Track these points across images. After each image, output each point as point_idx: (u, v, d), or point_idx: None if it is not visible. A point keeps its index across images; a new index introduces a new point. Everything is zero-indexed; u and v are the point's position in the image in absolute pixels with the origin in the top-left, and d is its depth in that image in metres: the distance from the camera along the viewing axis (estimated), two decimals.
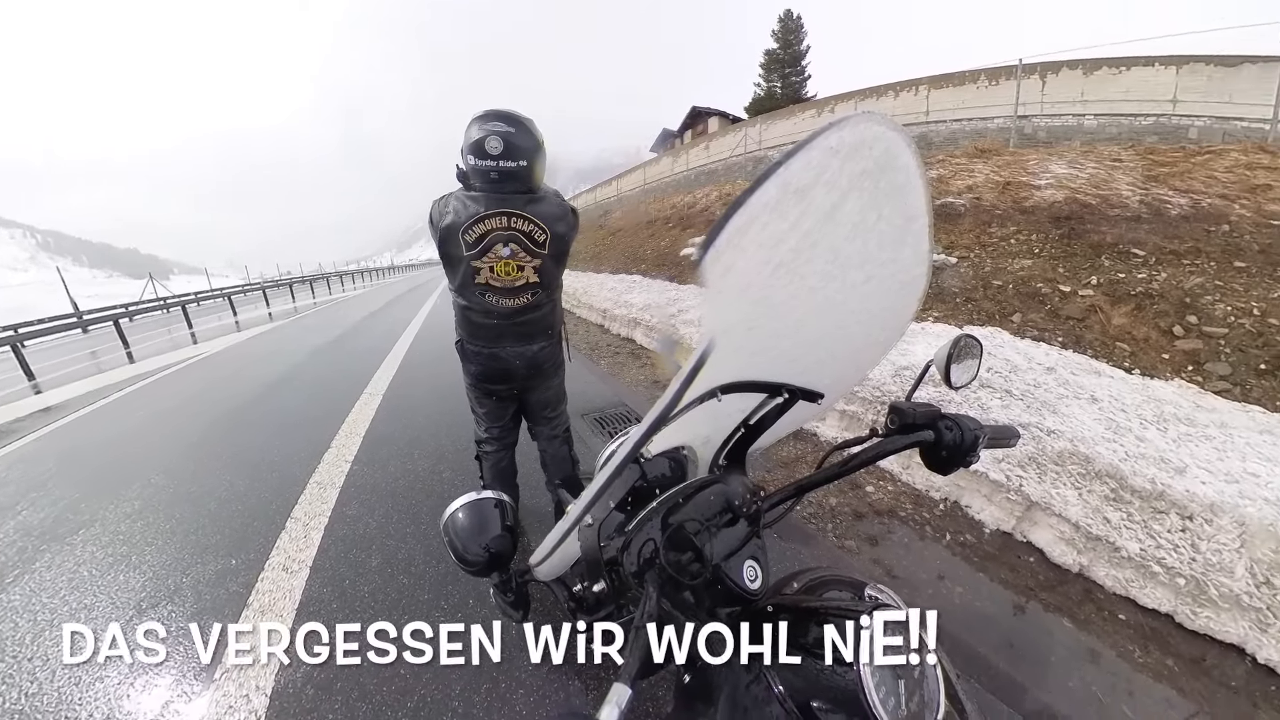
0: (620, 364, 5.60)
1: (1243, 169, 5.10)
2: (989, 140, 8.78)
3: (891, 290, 0.74)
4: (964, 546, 2.40)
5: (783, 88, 27.36)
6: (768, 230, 0.52)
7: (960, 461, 0.82)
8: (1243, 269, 3.99)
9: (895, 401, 0.84)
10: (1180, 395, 2.99)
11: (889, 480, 2.79)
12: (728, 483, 0.82)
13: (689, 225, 11.13)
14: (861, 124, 0.54)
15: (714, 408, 0.74)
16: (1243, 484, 2.25)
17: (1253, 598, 1.99)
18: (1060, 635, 1.99)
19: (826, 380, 0.83)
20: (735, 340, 0.61)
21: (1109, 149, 6.44)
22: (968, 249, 4.98)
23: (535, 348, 1.96)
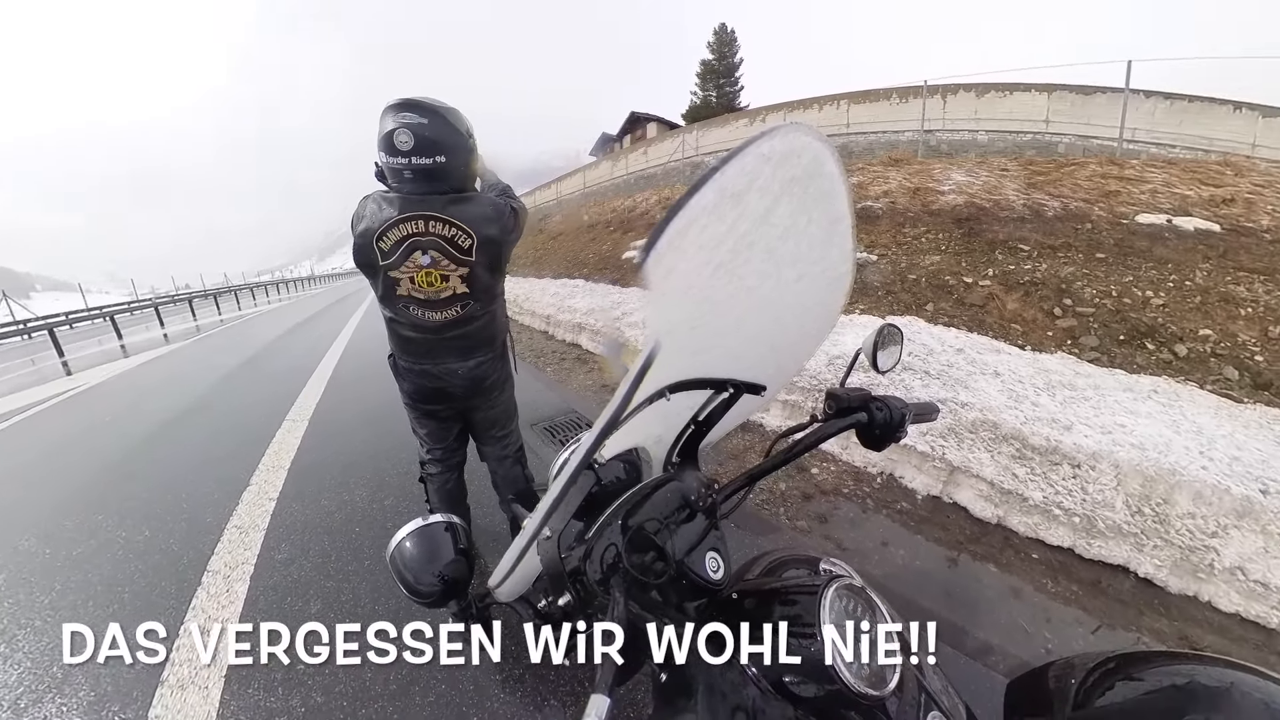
0: (567, 370, 5.23)
1: (1099, 178, 5.66)
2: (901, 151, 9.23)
3: (822, 286, 0.75)
4: (901, 513, 2.52)
5: (718, 97, 27.34)
6: (707, 233, 0.51)
7: (891, 438, 0.84)
8: (1102, 259, 4.39)
9: (831, 388, 0.86)
10: (1063, 365, 3.27)
11: (831, 461, 2.88)
12: (683, 479, 0.80)
13: (630, 229, 10.67)
14: (791, 134, 0.55)
15: (663, 407, 0.72)
16: (1115, 434, 2.52)
17: (1130, 525, 2.24)
18: (987, 579, 2.14)
19: (768, 373, 0.84)
20: (680, 340, 0.60)
21: (998, 160, 6.94)
22: (886, 247, 5.22)
23: (473, 363, 1.69)
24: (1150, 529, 2.22)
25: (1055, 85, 12.27)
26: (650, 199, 12.24)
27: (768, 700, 0.56)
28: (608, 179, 20.11)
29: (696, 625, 0.60)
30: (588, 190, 20.81)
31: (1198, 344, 3.48)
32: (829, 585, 0.59)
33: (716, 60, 27.53)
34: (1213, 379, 3.23)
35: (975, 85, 13.08)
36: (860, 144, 13.32)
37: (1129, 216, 4.85)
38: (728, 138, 15.90)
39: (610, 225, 11.79)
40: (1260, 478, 2.25)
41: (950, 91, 13.14)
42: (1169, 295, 3.93)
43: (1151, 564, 2.19)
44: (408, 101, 1.41)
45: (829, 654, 0.54)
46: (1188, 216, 4.74)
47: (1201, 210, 4.85)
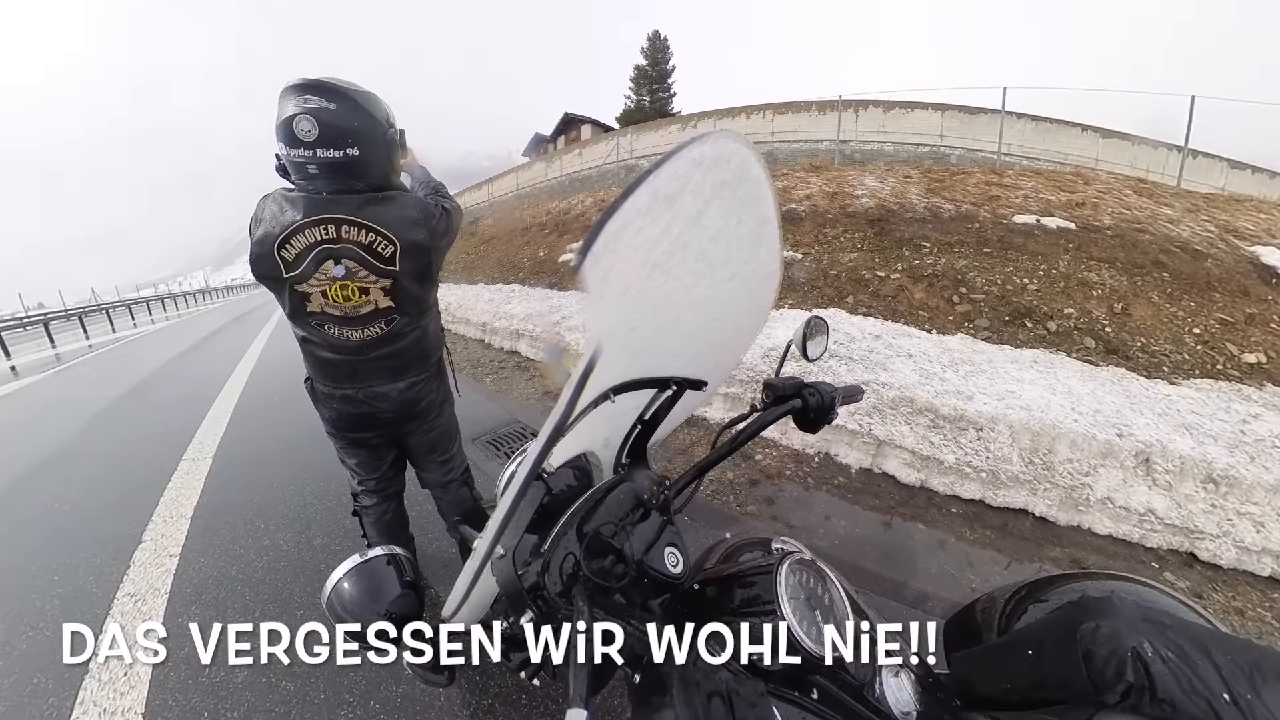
0: (507, 379, 4.84)
1: (984, 185, 6.16)
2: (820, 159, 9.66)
3: (753, 284, 0.75)
4: (839, 487, 2.63)
5: (651, 101, 26.97)
6: (642, 235, 0.50)
7: (824, 420, 0.86)
8: (989, 253, 4.79)
9: (767, 379, 0.87)
10: (963, 345, 3.54)
11: (773, 447, 2.95)
12: (634, 479, 0.77)
13: (565, 231, 9.94)
14: (720, 140, 0.54)
15: (609, 410, 0.69)
16: (1007, 399, 2.79)
17: (1025, 474, 2.51)
18: (918, 536, 2.29)
19: (708, 368, 0.83)
20: (620, 341, 0.58)
21: (902, 169, 7.40)
22: (809, 247, 5.43)
23: (405, 385, 1.42)
24: (1040, 475, 2.50)
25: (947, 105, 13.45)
26: (586, 201, 11.43)
27: (740, 680, 0.56)
28: (542, 180, 18.94)
29: (664, 624, 0.58)
30: (521, 191, 19.31)
31: (1064, 320, 3.88)
32: (783, 563, 0.60)
33: (650, 66, 27.13)
34: (1076, 348, 3.62)
35: (883, 102, 13.96)
36: (784, 151, 13.81)
37: (1008, 217, 5.32)
38: (661, 142, 15.82)
39: (546, 228, 10.90)
40: (1116, 424, 2.60)
41: (861, 107, 13.91)
42: (1040, 281, 4.35)
43: (1044, 504, 2.49)
44: (311, 83, 1.13)
45: (793, 628, 0.55)
46: (1051, 217, 5.27)
47: (1061, 212, 5.40)
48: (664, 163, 0.48)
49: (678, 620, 0.64)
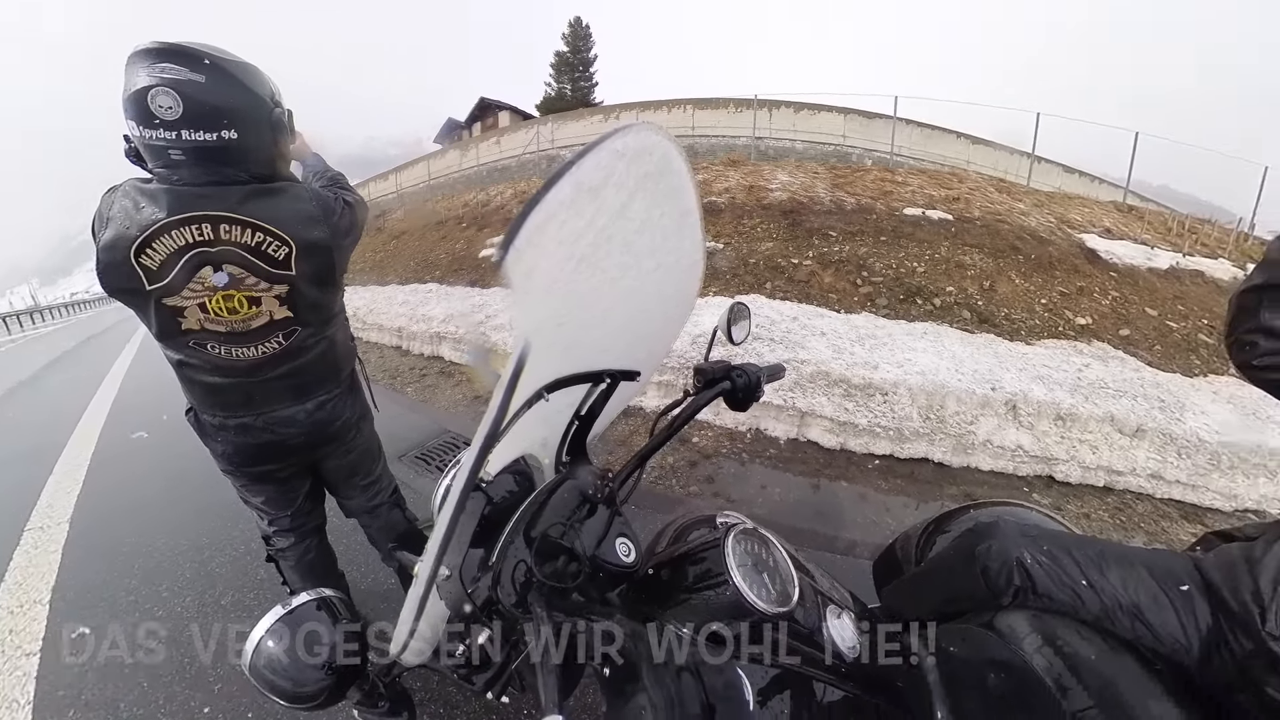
0: (431, 387, 4.36)
1: (879, 181, 6.70)
2: (737, 154, 9.93)
3: (678, 274, 0.75)
4: (770, 458, 2.78)
5: (572, 90, 25.17)
6: (566, 227, 0.47)
7: (752, 399, 0.87)
8: (885, 240, 5.21)
9: (696, 364, 0.87)
10: (867, 322, 3.83)
11: (708, 428, 3.02)
12: (577, 476, 0.74)
13: (485, 225, 9.03)
14: (643, 132, 0.53)
15: (544, 409, 0.65)
16: (905, 367, 3.06)
17: (923, 428, 2.80)
18: (842, 494, 2.49)
19: (639, 358, 0.82)
20: (549, 337, 0.55)
21: (811, 165, 7.83)
22: (730, 237, 5.59)
23: (313, 405, 1.20)
24: (935, 428, 2.82)
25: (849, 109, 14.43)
26: (506, 192, 10.44)
27: (704, 651, 0.57)
28: (457, 170, 17.28)
29: (625, 614, 0.57)
30: (434, 182, 17.23)
31: (946, 297, 4.35)
32: (728, 535, 0.61)
33: (571, 53, 25.34)
34: (957, 320, 4.08)
35: (793, 103, 14.61)
36: (704, 146, 14.02)
37: (899, 210, 5.83)
38: (583, 132, 15.24)
39: (463, 221, 9.85)
40: (989, 380, 3.00)
41: (775, 106, 14.46)
42: (927, 265, 4.83)
43: (940, 452, 2.84)
44: (169, 48, 0.89)
45: (744, 594, 0.56)
46: (934, 210, 5.83)
47: (942, 205, 6.00)
48: (587, 154, 0.46)
49: (638, 607, 0.65)
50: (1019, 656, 0.74)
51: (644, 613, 0.64)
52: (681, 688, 0.51)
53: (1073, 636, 0.75)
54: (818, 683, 0.62)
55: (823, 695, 0.61)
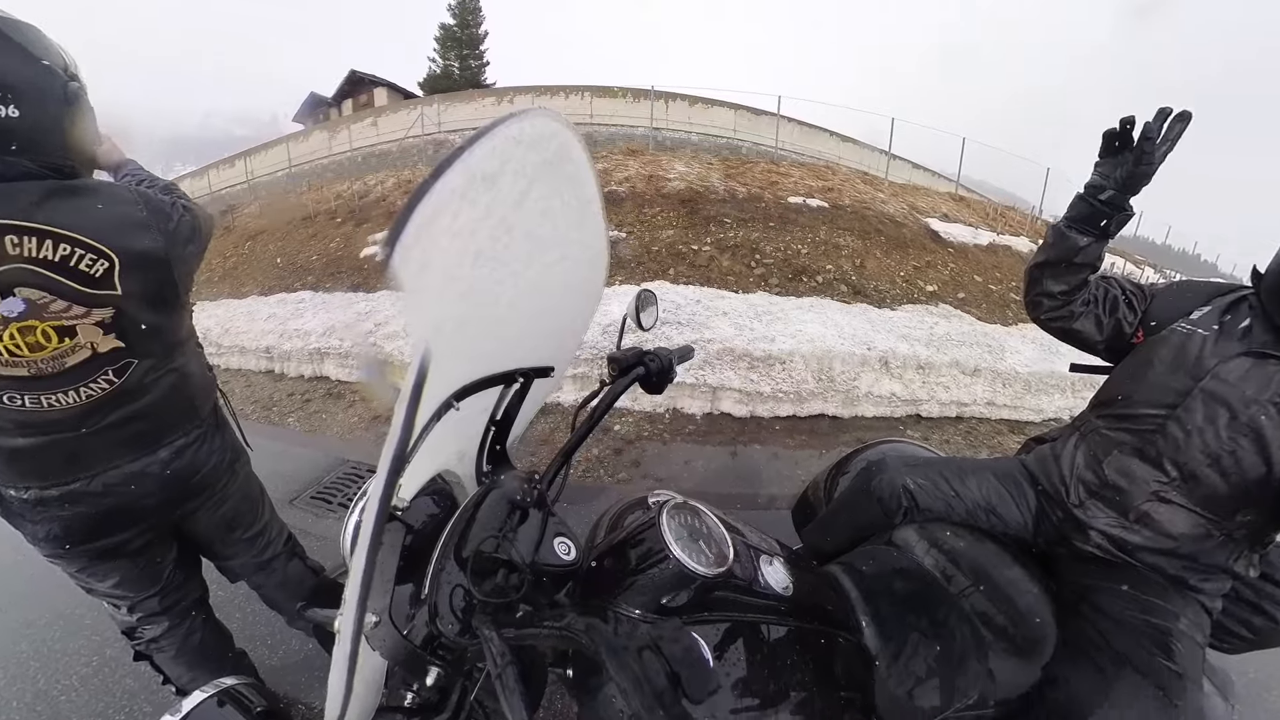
0: (318, 413, 3.72)
1: (767, 173, 7.21)
2: (636, 144, 9.90)
3: (583, 264, 0.74)
4: (690, 434, 2.90)
5: (461, 69, 21.95)
6: (460, 219, 0.43)
7: (666, 381, 0.89)
8: (774, 227, 5.63)
9: (610, 353, 0.86)
10: (762, 300, 4.13)
11: (628, 414, 3.06)
12: (501, 485, 0.70)
13: (365, 219, 7.76)
14: (540, 118, 0.50)
15: (455, 420, 0.60)
16: (797, 337, 3.38)
17: (817, 389, 3.15)
18: (756, 455, 2.70)
19: (552, 353, 0.79)
20: (452, 340, 0.51)
21: (705, 157, 8.12)
22: (632, 226, 5.64)
23: (168, 453, 0.98)
24: (827, 387, 3.20)
25: (739, 105, 15.22)
26: (387, 182, 9.09)
27: (659, 625, 0.58)
28: (325, 155, 14.96)
29: (576, 612, 0.56)
30: (297, 169, 14.50)
31: (826, 274, 4.87)
32: (661, 513, 0.62)
33: (459, 28, 22.42)
34: (836, 293, 4.60)
35: (689, 96, 15.00)
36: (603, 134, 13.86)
37: (784, 198, 6.31)
38: (475, 116, 14.08)
39: (337, 215, 8.36)
40: (865, 342, 3.48)
41: (671, 98, 14.73)
42: (810, 247, 5.33)
43: (833, 407, 3.25)
44: None
45: (684, 563, 0.58)
46: (813, 198, 6.41)
47: (819, 195, 6.61)
48: (480, 139, 0.42)
49: (588, 601, 0.64)
50: (914, 561, 0.92)
51: (595, 605, 0.64)
52: (645, 666, 0.52)
53: (949, 537, 0.95)
54: (763, 625, 0.68)
55: (769, 634, 0.68)
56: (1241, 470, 0.78)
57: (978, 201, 9.74)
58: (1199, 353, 0.83)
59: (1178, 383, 0.84)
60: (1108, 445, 0.91)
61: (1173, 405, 0.83)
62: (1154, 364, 0.87)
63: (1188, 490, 0.82)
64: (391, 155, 13.34)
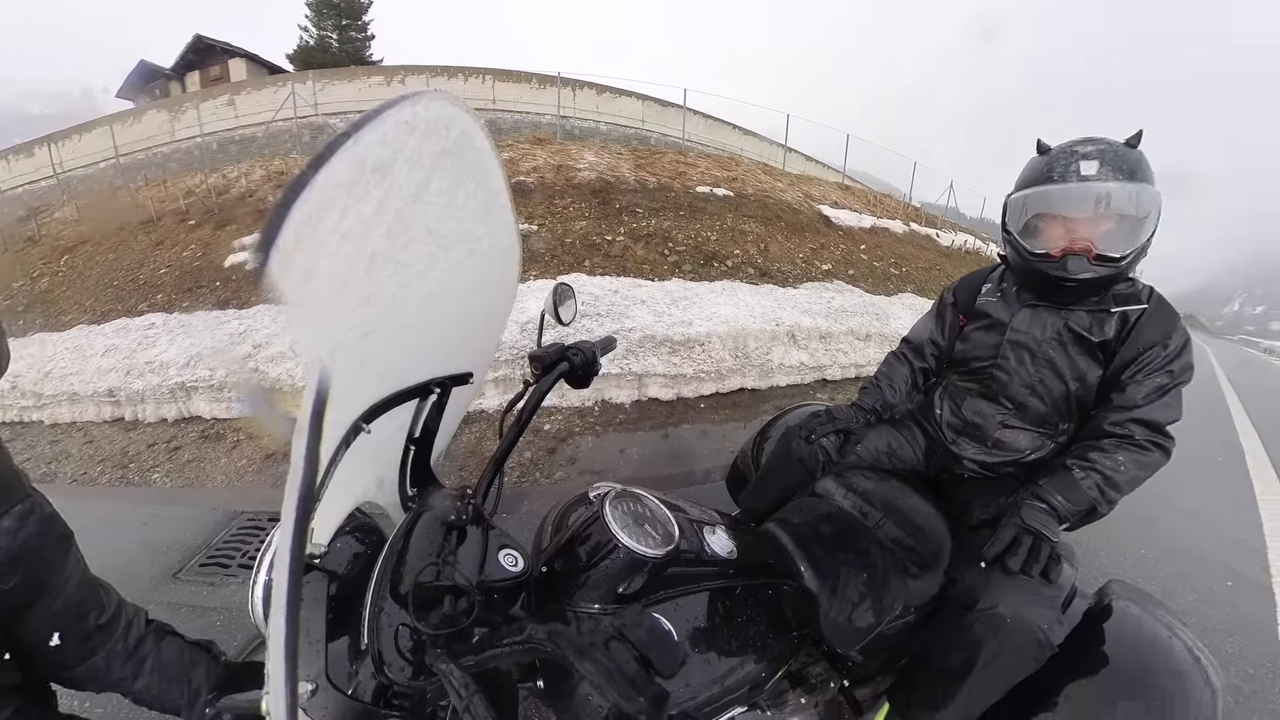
0: (193, 462, 3.01)
1: (675, 163, 7.40)
2: (543, 132, 9.55)
3: (494, 260, 0.70)
4: (621, 424, 2.91)
5: (340, 42, 18.98)
6: (350, 216, 0.39)
7: (591, 374, 0.88)
8: (684, 215, 5.81)
9: (531, 351, 0.83)
10: (678, 286, 4.25)
11: (556, 412, 2.99)
12: (432, 507, 0.65)
13: (228, 221, 6.25)
14: (435, 102, 0.46)
15: (367, 444, 0.54)
16: (713, 319, 3.53)
17: (735, 365, 3.37)
18: (687, 434, 2.78)
19: (469, 358, 0.74)
20: (352, 355, 0.45)
21: (615, 147, 8.10)
22: (543, 218, 5.48)
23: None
24: (744, 363, 3.41)
25: (647, 96, 15.29)
26: (254, 174, 7.50)
27: (620, 614, 0.57)
28: (167, 141, 12.34)
29: (535, 622, 0.53)
30: (129, 159, 11.46)
31: (735, 258, 5.14)
32: (604, 505, 0.63)
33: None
34: (745, 275, 4.89)
35: (596, 85, 14.73)
36: (507, 121, 13.23)
37: (693, 188, 6.51)
38: (359, 97, 12.49)
39: (189, 216, 6.63)
40: (774, 319, 3.76)
41: (579, 86, 14.38)
42: (719, 234, 5.57)
43: (752, 381, 3.50)
44: None
45: (633, 549, 0.59)
46: (720, 188, 6.69)
47: (725, 184, 6.91)
48: (367, 125, 0.38)
49: (545, 608, 0.63)
50: (836, 506, 1.06)
51: (553, 610, 0.62)
52: (613, 656, 0.51)
53: (861, 480, 1.11)
54: (717, 590, 0.73)
55: (723, 596, 0.73)
56: (1051, 393, 1.02)
57: (861, 190, 10.83)
58: (997, 315, 1.08)
59: (992, 339, 1.09)
60: (961, 394, 1.16)
61: (994, 356, 1.08)
62: (976, 332, 1.13)
63: (1022, 416, 1.07)
64: (256, 142, 11.28)
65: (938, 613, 0.90)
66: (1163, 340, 0.93)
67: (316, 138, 10.82)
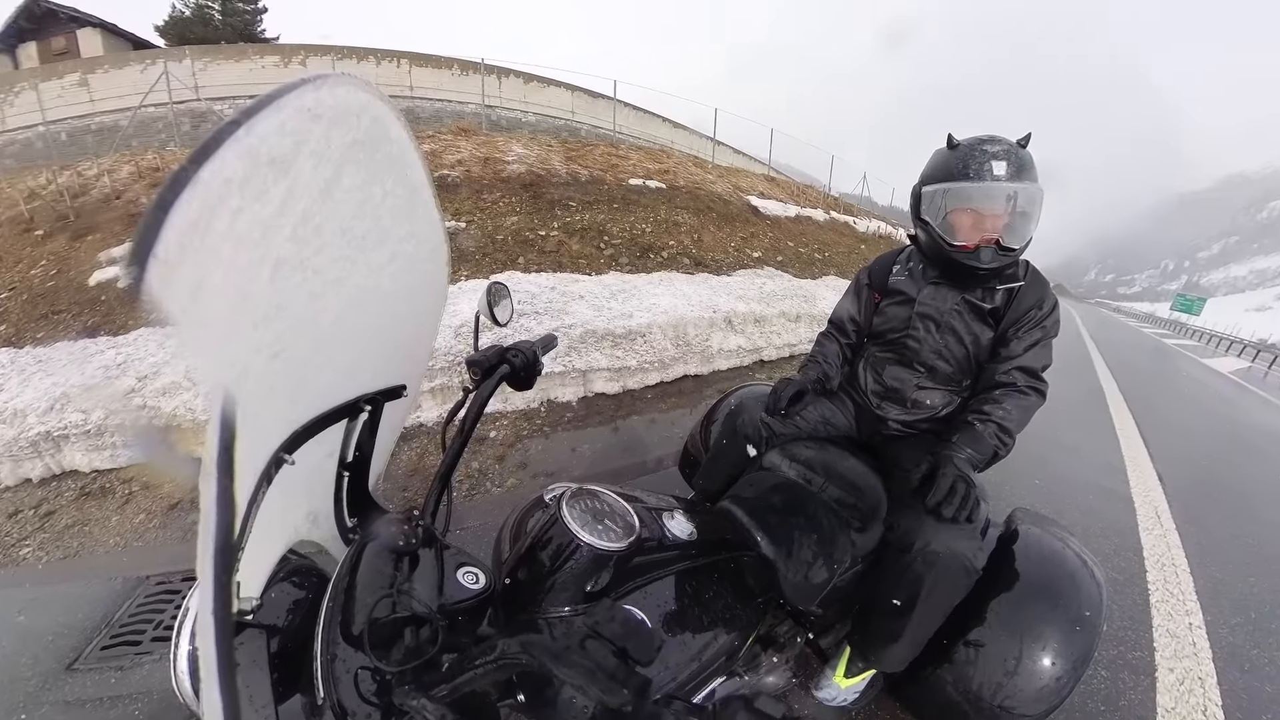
0: (74, 526, 2.40)
1: (607, 156, 7.31)
2: (467, 122, 9.01)
3: (420, 261, 0.64)
4: (569, 422, 2.84)
5: (224, 14, 16.44)
6: (245, 218, 0.34)
7: (534, 375, 0.86)
8: (617, 208, 5.80)
9: (468, 356, 0.79)
10: (616, 279, 4.23)
11: (501, 417, 2.82)
12: (376, 536, 0.60)
13: (90, 228, 4.90)
14: (343, 87, 0.41)
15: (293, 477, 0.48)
16: (653, 310, 3.57)
17: (678, 353, 3.43)
18: (637, 425, 2.81)
19: (400, 369, 0.69)
20: (264, 378, 0.40)
21: (544, 139, 7.86)
22: (471, 214, 5.22)
23: None
24: (685, 350, 3.48)
25: (576, 87, 14.95)
26: (120, 170, 6.02)
27: (591, 612, 0.59)
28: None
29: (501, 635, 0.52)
30: None
31: (670, 250, 5.22)
32: (560, 505, 0.62)
33: None
34: (681, 266, 4.99)
35: (523, 74, 14.15)
36: (427, 110, 12.43)
37: (625, 180, 6.49)
38: (249, 79, 11.01)
39: (37, 225, 5.16)
40: (711, 306, 3.90)
41: (504, 74, 13.75)
42: (653, 225, 5.62)
43: (694, 367, 3.65)
44: None
45: (593, 545, 0.59)
46: (652, 180, 6.73)
47: (657, 177, 6.96)
48: (262, 111, 0.33)
49: (515, 619, 0.62)
50: (782, 476, 1.12)
51: (523, 620, 0.61)
52: (591, 654, 0.51)
53: (803, 449, 1.18)
54: (682, 572, 0.75)
55: (689, 577, 0.75)
56: (955, 355, 1.18)
57: (785, 181, 11.38)
58: (907, 292, 1.23)
59: (904, 313, 1.23)
60: (881, 363, 1.29)
61: (907, 327, 1.22)
62: (890, 307, 1.27)
63: (933, 377, 1.21)
64: (121, 132, 9.31)
65: (881, 559, 0.99)
66: (1037, 304, 1.12)
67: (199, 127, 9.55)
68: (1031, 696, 0.91)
